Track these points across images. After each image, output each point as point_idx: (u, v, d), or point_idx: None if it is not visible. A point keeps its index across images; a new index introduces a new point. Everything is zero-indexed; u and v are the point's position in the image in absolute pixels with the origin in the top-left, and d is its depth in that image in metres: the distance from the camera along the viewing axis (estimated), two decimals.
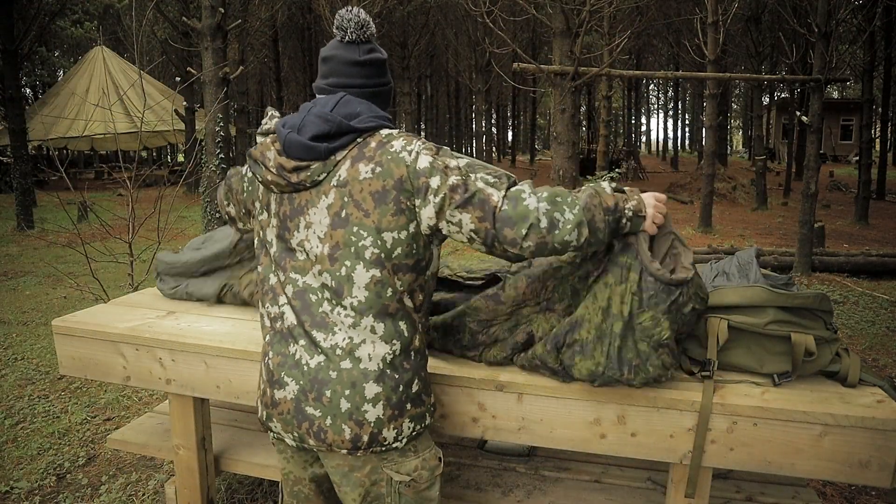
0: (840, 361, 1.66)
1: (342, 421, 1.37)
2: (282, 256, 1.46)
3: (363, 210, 1.35)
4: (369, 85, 1.47)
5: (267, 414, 1.46)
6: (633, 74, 8.34)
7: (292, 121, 1.42)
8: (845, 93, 35.50)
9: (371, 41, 1.49)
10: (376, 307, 1.39)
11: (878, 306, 5.55)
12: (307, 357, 1.41)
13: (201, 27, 5.70)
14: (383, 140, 1.38)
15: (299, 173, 1.39)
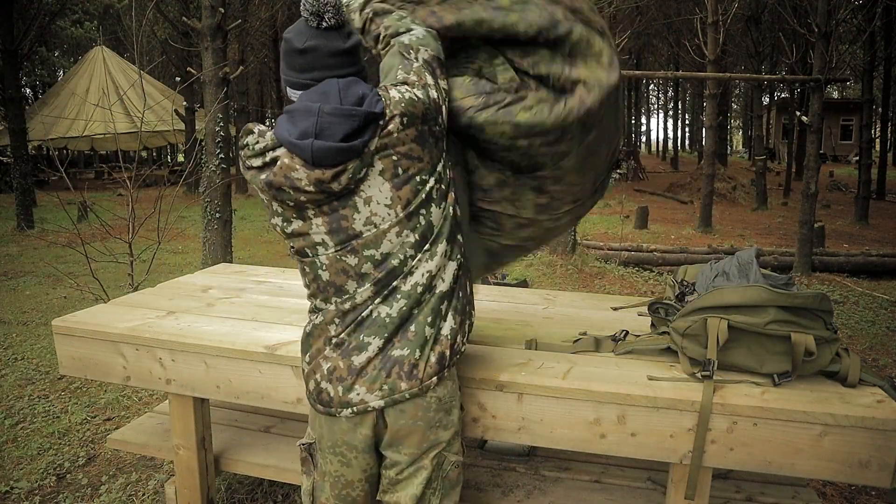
0: (840, 361, 1.66)
1: (429, 348, 1.43)
2: (344, 244, 1.40)
3: (414, 157, 1.39)
4: (355, 73, 1.42)
5: (344, 387, 1.42)
6: (633, 74, 8.35)
7: (302, 128, 1.31)
8: (845, 93, 35.48)
9: (349, 23, 1.44)
10: (447, 233, 1.45)
11: (878, 306, 5.55)
12: (387, 310, 1.42)
13: (201, 27, 5.70)
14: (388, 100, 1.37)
15: (339, 179, 1.33)
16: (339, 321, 1.44)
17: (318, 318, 1.47)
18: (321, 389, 1.45)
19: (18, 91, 10.81)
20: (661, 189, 17.41)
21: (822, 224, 8.32)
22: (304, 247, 1.43)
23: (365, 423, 1.45)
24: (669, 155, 35.67)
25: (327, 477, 1.53)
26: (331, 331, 1.45)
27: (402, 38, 1.52)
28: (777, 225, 11.55)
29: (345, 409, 1.43)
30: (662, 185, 18.59)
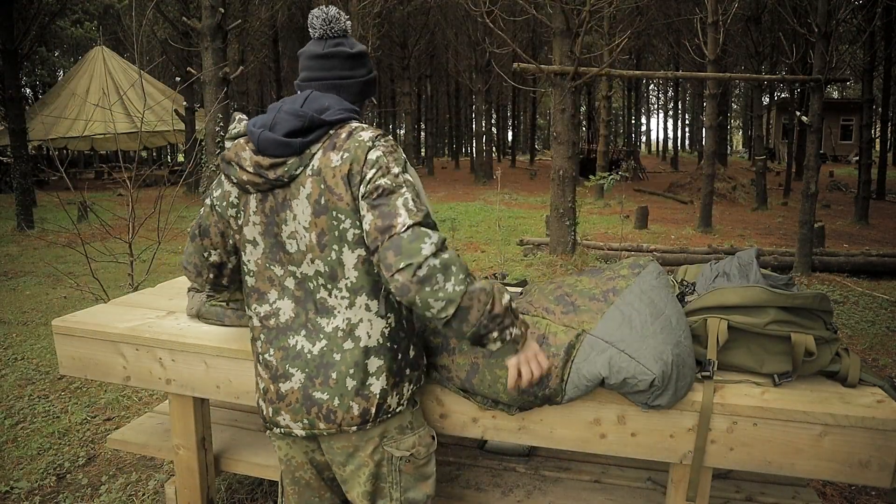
0: (840, 361, 1.67)
1: (349, 399, 1.43)
2: (272, 252, 1.48)
3: (336, 194, 1.40)
4: (331, 77, 1.52)
5: (274, 409, 1.49)
6: (633, 74, 8.36)
7: (262, 120, 1.45)
8: (845, 93, 35.50)
9: (341, 36, 1.54)
10: (368, 285, 1.44)
11: (878, 306, 5.55)
12: (308, 346, 1.45)
13: (201, 27, 5.70)
14: (352, 130, 1.44)
15: (276, 170, 1.42)
16: (264, 338, 1.51)
17: (251, 332, 1.57)
18: (259, 405, 1.55)
19: (18, 91, 10.80)
20: (661, 189, 17.42)
21: (822, 224, 8.32)
22: (241, 244, 1.53)
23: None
24: (669, 155, 35.70)
25: (282, 462, 1.63)
26: (258, 347, 1.53)
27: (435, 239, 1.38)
28: (777, 225, 11.55)
29: (275, 427, 1.52)
30: (662, 185, 18.60)
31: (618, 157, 21.21)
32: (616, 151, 22.77)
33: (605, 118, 17.96)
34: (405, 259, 1.28)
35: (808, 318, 1.64)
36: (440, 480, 2.03)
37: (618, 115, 37.95)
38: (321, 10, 1.52)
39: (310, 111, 1.42)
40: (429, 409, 1.77)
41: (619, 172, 9.19)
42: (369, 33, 15.04)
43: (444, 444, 2.26)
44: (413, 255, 1.28)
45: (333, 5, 13.22)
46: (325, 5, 3.42)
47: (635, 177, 20.57)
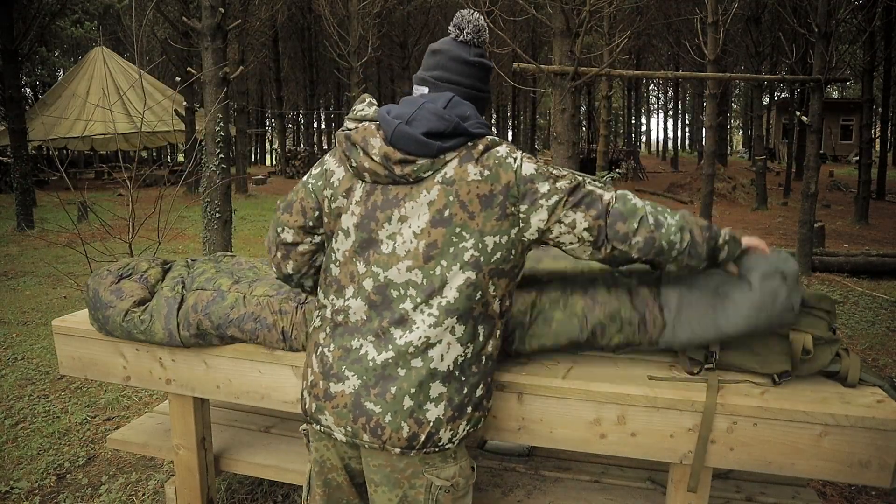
0: (840, 361, 1.67)
1: (402, 418, 1.35)
2: (362, 247, 1.41)
3: (468, 212, 1.35)
4: (473, 87, 1.49)
5: (318, 406, 1.43)
6: (633, 74, 8.36)
7: (399, 111, 1.40)
8: (845, 93, 35.49)
9: (482, 48, 1.51)
10: (463, 309, 1.37)
11: (878, 306, 5.55)
12: (374, 353, 1.38)
13: (201, 27, 5.70)
14: (489, 145, 1.39)
15: (404, 166, 1.36)
16: (329, 331, 1.45)
17: (318, 321, 1.50)
18: (303, 396, 1.49)
19: (18, 91, 10.80)
20: (661, 189, 17.42)
21: (822, 224, 8.32)
22: (334, 230, 1.46)
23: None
24: (669, 155, 35.69)
25: (315, 464, 1.57)
26: (320, 338, 1.47)
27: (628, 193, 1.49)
28: (777, 225, 11.55)
29: (315, 423, 1.46)
30: (662, 185, 18.60)
31: (618, 157, 21.21)
32: (616, 151, 22.77)
33: (605, 118, 17.96)
34: (633, 219, 1.40)
35: (811, 318, 1.64)
36: None
37: (618, 115, 37.93)
38: (472, 15, 1.48)
39: (454, 115, 1.37)
40: None
41: (616, 171, 9.17)
42: (369, 33, 15.03)
43: None
44: (636, 213, 1.41)
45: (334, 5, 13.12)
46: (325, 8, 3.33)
47: (635, 177, 20.56)
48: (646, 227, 1.40)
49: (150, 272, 2.07)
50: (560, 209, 1.37)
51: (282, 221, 1.54)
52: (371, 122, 1.42)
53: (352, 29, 14.38)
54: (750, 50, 14.29)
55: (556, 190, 1.37)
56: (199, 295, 1.92)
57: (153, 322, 1.91)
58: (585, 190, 1.40)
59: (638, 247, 1.40)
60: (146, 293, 2.01)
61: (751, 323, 1.55)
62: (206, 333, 1.90)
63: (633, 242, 1.40)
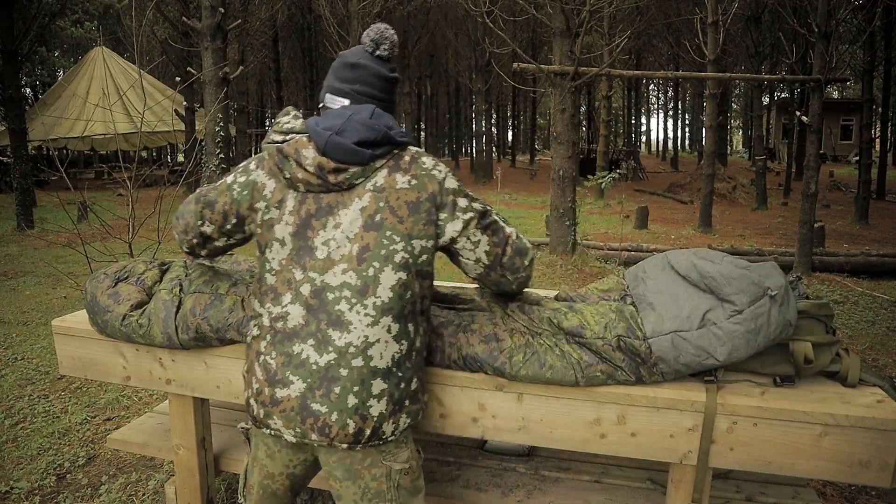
0: (840, 361, 1.67)
1: (348, 416, 1.42)
2: (298, 255, 1.47)
3: (398, 216, 1.45)
4: (390, 101, 1.59)
5: (266, 412, 1.47)
6: (633, 74, 8.36)
7: (328, 123, 1.47)
8: (845, 93, 35.50)
9: (393, 61, 1.60)
10: (396, 308, 1.46)
11: (878, 306, 5.55)
12: (315, 356, 1.44)
13: (201, 27, 5.70)
14: (414, 156, 1.51)
15: (338, 174, 1.45)
16: (269, 339, 1.49)
17: (255, 330, 1.54)
18: (250, 403, 1.53)
19: (18, 91, 10.80)
20: (661, 189, 17.42)
21: (822, 224, 8.33)
22: (267, 241, 1.51)
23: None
24: (669, 155, 35.70)
25: (256, 463, 1.61)
26: (262, 346, 1.50)
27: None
28: (777, 225, 11.55)
29: (265, 428, 1.50)
30: (662, 185, 18.60)
31: (618, 157, 21.21)
32: (616, 151, 22.78)
33: (605, 118, 17.97)
34: (527, 257, 1.61)
35: (810, 322, 1.64)
36: (440, 480, 2.03)
37: (618, 115, 37.93)
38: (389, 31, 1.55)
39: (381, 125, 1.46)
40: (429, 409, 1.77)
41: (617, 171, 9.18)
42: None
43: (444, 443, 2.26)
44: (529, 252, 1.62)
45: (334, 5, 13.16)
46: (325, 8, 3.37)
47: (635, 177, 20.57)
48: (532, 266, 1.62)
49: (147, 274, 2.07)
50: (472, 226, 1.51)
51: (204, 215, 1.60)
52: (300, 135, 1.49)
53: (352, 29, 14.37)
54: (750, 50, 14.29)
55: (471, 208, 1.52)
56: (198, 298, 1.92)
57: (151, 326, 1.91)
58: (493, 218, 1.56)
59: (520, 281, 1.62)
60: (143, 296, 2.00)
61: (751, 350, 1.57)
62: (205, 337, 1.90)
63: (521, 276, 1.61)
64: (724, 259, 1.69)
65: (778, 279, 1.57)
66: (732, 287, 1.58)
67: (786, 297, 1.55)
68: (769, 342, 1.57)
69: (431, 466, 2.12)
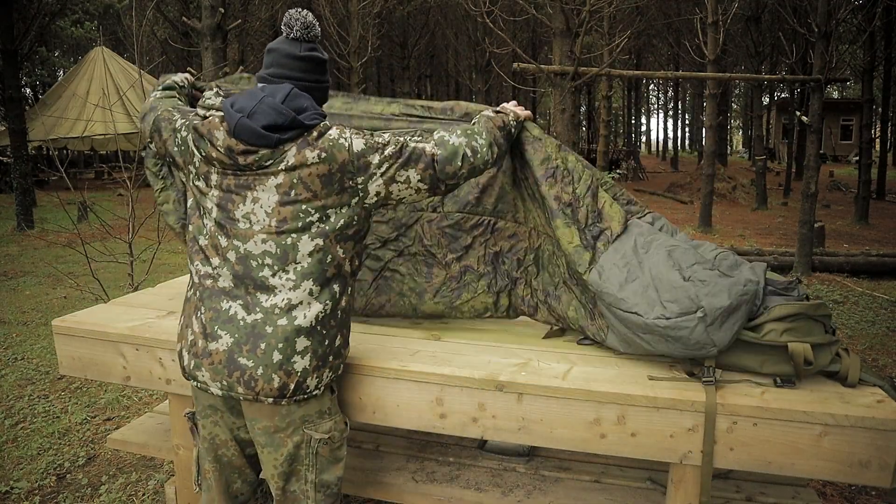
0: (840, 361, 1.67)
1: (272, 370, 1.50)
2: (222, 224, 1.56)
3: (311, 191, 1.52)
4: (307, 79, 1.62)
5: (196, 363, 1.56)
6: (633, 74, 8.36)
7: (241, 104, 1.52)
8: (845, 93, 35.48)
9: (314, 42, 1.64)
10: (317, 272, 1.54)
11: (878, 306, 5.55)
12: (243, 313, 1.53)
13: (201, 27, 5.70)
14: (321, 130, 1.55)
15: (247, 156, 1.51)
16: (200, 295, 1.59)
17: (191, 290, 1.64)
18: (182, 355, 1.62)
19: (18, 91, 10.79)
20: (661, 189, 17.41)
21: (822, 224, 8.32)
22: (201, 205, 1.60)
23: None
24: (669, 155, 35.68)
25: (205, 441, 1.69)
26: (194, 300, 1.61)
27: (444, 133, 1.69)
28: (777, 225, 11.55)
29: (192, 380, 1.60)
30: (662, 185, 18.59)
31: (618, 157, 21.20)
32: (616, 151, 22.76)
33: (605, 118, 17.96)
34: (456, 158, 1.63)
35: (809, 323, 1.64)
36: (440, 480, 2.03)
37: (618, 115, 37.91)
38: (300, 14, 1.60)
39: (291, 109, 1.50)
40: (429, 409, 1.77)
41: (617, 171, 9.17)
42: (369, 33, 15.03)
43: (444, 443, 2.26)
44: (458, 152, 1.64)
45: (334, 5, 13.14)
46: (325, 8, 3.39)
47: (635, 177, 20.56)
48: (467, 161, 1.64)
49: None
50: (392, 171, 1.57)
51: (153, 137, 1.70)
52: (217, 113, 1.57)
53: (352, 29, 14.37)
54: (750, 50, 14.29)
55: (385, 158, 1.56)
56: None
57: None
58: (410, 148, 1.59)
59: (464, 177, 1.67)
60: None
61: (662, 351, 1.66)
62: None
63: (461, 174, 1.65)
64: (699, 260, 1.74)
65: (721, 300, 1.57)
66: (669, 294, 1.63)
67: (720, 320, 1.57)
68: (683, 352, 1.63)
69: (431, 466, 2.12)
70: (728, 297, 1.58)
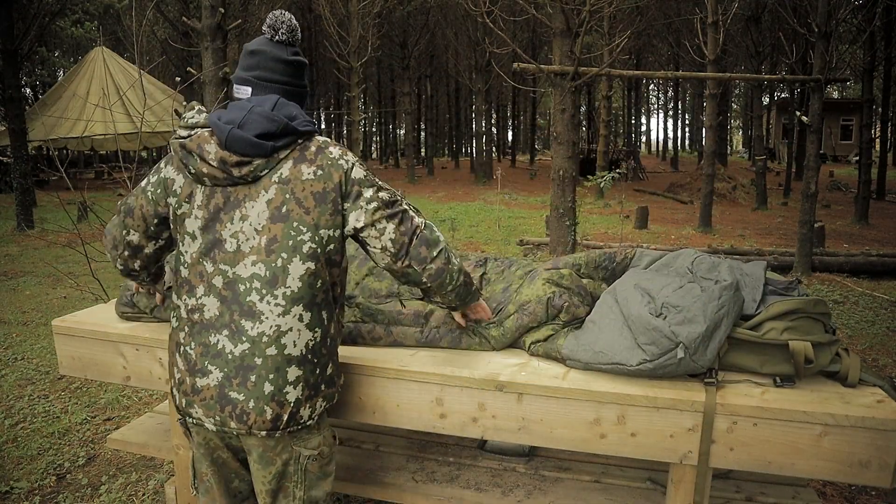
0: (840, 361, 1.67)
1: (265, 403, 1.47)
2: (209, 248, 1.50)
3: (304, 207, 1.47)
4: (294, 84, 1.58)
5: (187, 401, 1.52)
6: (633, 74, 8.36)
7: (230, 116, 1.48)
8: (845, 93, 35.48)
9: (297, 46, 1.61)
10: (307, 297, 1.49)
11: (878, 306, 5.55)
12: (230, 346, 1.48)
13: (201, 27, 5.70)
14: (321, 146, 1.52)
15: (241, 168, 1.46)
16: (187, 330, 1.53)
17: (175, 321, 1.59)
18: (173, 393, 1.58)
19: (18, 91, 10.79)
20: (661, 189, 17.42)
21: (822, 224, 8.32)
22: (180, 235, 1.55)
23: None
24: (669, 155, 35.69)
25: (199, 447, 1.64)
26: (181, 338, 1.55)
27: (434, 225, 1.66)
28: (777, 225, 11.55)
29: (187, 417, 1.55)
30: (662, 185, 18.59)
31: (618, 157, 21.20)
32: (616, 151, 22.77)
33: (605, 118, 17.97)
34: (435, 248, 1.56)
35: (809, 322, 1.64)
36: (440, 480, 2.03)
37: (618, 115, 37.92)
38: (285, 16, 1.56)
39: (283, 117, 1.47)
40: (429, 409, 1.77)
41: (617, 171, 9.17)
42: (369, 33, 15.02)
43: (444, 444, 2.26)
44: (439, 244, 1.57)
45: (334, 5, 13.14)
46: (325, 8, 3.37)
47: (635, 177, 20.56)
48: (442, 258, 1.57)
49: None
50: (377, 215, 1.51)
51: (127, 224, 1.63)
52: (204, 129, 1.51)
53: (352, 29, 14.37)
54: (750, 50, 14.28)
55: (377, 198, 1.52)
56: None
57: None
58: (402, 207, 1.56)
59: (429, 272, 1.57)
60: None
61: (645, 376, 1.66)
62: None
63: (427, 267, 1.56)
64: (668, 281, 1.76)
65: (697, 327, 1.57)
66: (646, 337, 1.62)
67: (703, 345, 1.58)
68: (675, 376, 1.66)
69: (431, 466, 2.12)
70: (704, 321, 1.57)
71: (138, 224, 1.61)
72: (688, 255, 1.93)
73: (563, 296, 1.89)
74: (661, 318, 1.62)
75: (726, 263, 1.79)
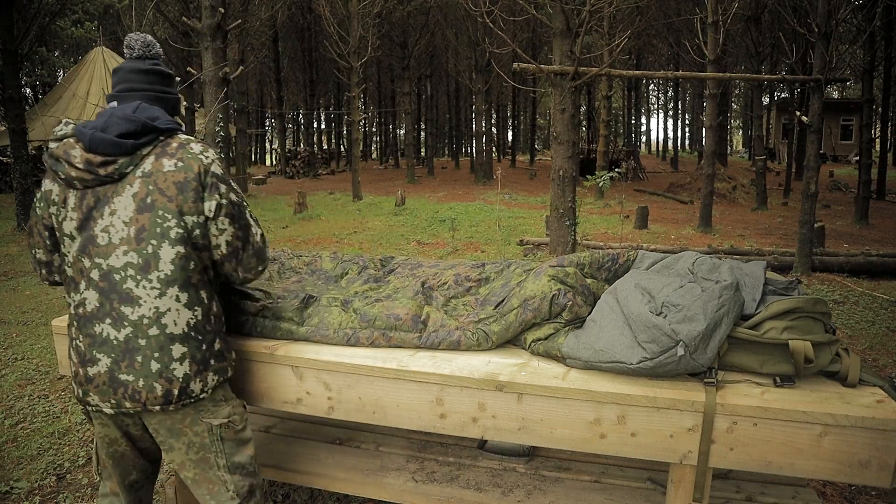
0: (840, 361, 1.67)
1: (153, 380, 1.58)
2: (84, 245, 1.60)
3: (167, 196, 1.59)
4: (154, 90, 1.72)
5: (83, 391, 1.62)
6: (633, 74, 8.35)
7: (94, 123, 1.61)
8: (845, 93, 35.49)
9: (157, 59, 1.76)
10: (181, 279, 1.61)
11: (878, 306, 5.55)
12: (114, 332, 1.58)
13: (201, 27, 5.71)
14: (183, 142, 1.65)
15: (107, 167, 1.58)
16: (76, 325, 1.64)
17: (68, 317, 1.70)
18: (72, 386, 1.69)
19: (18, 91, 10.79)
20: (661, 189, 17.42)
21: (822, 224, 8.32)
22: (61, 237, 1.65)
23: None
24: (669, 155, 35.70)
25: (98, 438, 1.74)
26: (72, 333, 1.66)
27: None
28: (777, 225, 11.55)
29: (86, 405, 1.65)
30: (662, 185, 18.60)
31: (618, 157, 21.20)
32: (616, 151, 22.77)
33: (605, 118, 17.96)
34: (262, 265, 1.76)
35: (808, 322, 1.64)
36: (440, 480, 2.03)
37: (618, 115, 37.93)
38: (139, 35, 1.72)
39: (142, 117, 1.59)
40: (429, 409, 1.77)
41: (617, 171, 9.17)
42: (369, 33, 15.03)
43: (444, 444, 2.26)
44: (265, 261, 1.78)
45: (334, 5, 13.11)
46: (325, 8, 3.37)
47: (635, 177, 20.57)
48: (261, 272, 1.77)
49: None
50: (223, 212, 1.63)
51: (31, 244, 1.75)
52: (70, 138, 1.63)
53: (352, 29, 14.37)
54: (750, 50, 14.28)
55: (228, 197, 1.65)
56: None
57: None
58: (245, 214, 1.70)
59: (247, 279, 1.76)
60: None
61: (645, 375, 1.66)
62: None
63: (250, 276, 1.75)
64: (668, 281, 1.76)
65: (697, 325, 1.57)
66: (646, 335, 1.63)
67: (703, 343, 1.58)
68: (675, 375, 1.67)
69: (431, 466, 2.12)
70: (705, 319, 1.57)
71: (38, 241, 1.71)
72: (689, 257, 1.93)
73: (567, 294, 1.89)
74: (662, 316, 1.62)
75: (727, 264, 1.79)
